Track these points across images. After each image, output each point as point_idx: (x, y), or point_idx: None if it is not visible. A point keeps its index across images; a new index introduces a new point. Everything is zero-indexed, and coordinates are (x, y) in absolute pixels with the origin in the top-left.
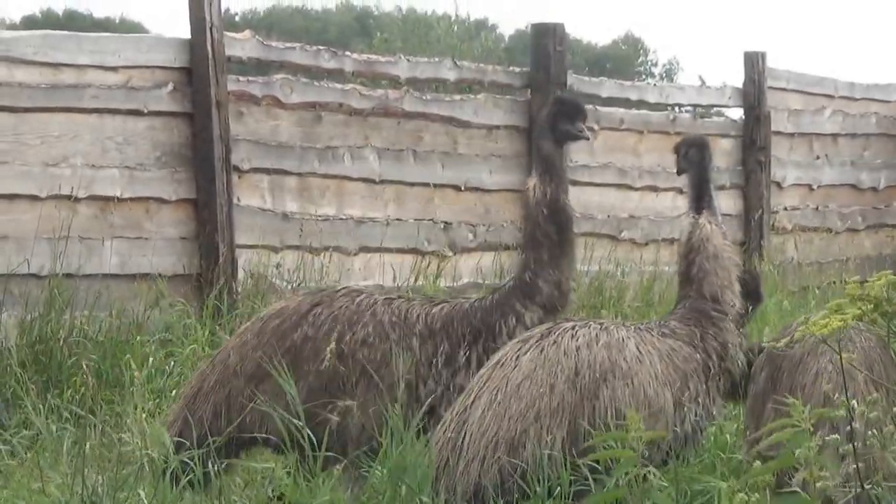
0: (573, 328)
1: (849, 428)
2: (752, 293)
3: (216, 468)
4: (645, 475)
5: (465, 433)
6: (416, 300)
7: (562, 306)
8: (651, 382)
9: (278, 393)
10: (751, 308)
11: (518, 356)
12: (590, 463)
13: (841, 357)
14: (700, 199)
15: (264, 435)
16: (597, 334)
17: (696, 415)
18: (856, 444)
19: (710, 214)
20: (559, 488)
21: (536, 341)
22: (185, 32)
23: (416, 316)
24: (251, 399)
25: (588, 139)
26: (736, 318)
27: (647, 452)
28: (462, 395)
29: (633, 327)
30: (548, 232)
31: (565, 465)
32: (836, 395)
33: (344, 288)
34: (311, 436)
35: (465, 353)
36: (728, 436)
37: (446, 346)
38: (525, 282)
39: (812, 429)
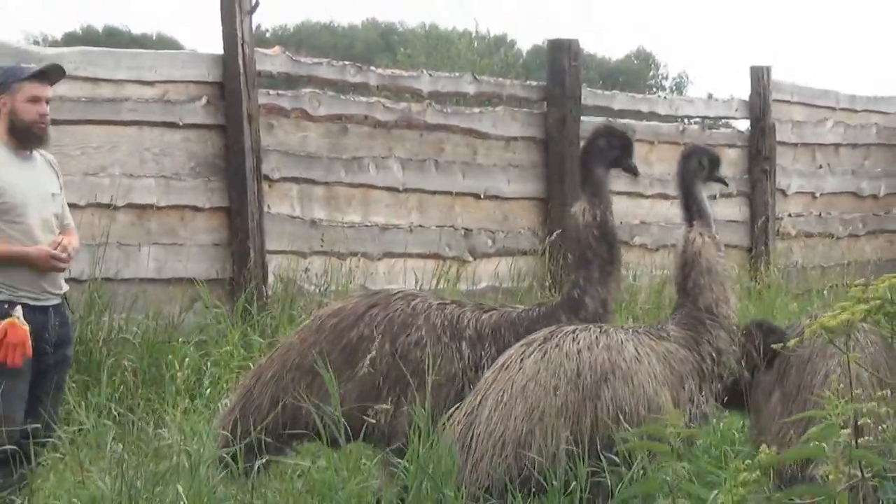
0: (574, 332)
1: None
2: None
3: (256, 462)
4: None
5: (473, 433)
6: (468, 306)
7: (604, 322)
8: (650, 382)
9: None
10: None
11: (522, 359)
12: (611, 457)
13: (848, 357)
14: (689, 210)
15: (314, 428)
16: (597, 337)
17: (691, 414)
18: (859, 440)
19: (701, 225)
20: (573, 483)
21: (539, 345)
22: (218, 48)
23: (466, 321)
24: (306, 393)
25: (638, 175)
26: (729, 328)
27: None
28: (469, 396)
29: (631, 330)
30: (599, 252)
31: (583, 460)
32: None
33: (400, 291)
34: (357, 430)
35: None
36: (735, 432)
37: (493, 351)
38: (573, 298)
39: (842, 425)
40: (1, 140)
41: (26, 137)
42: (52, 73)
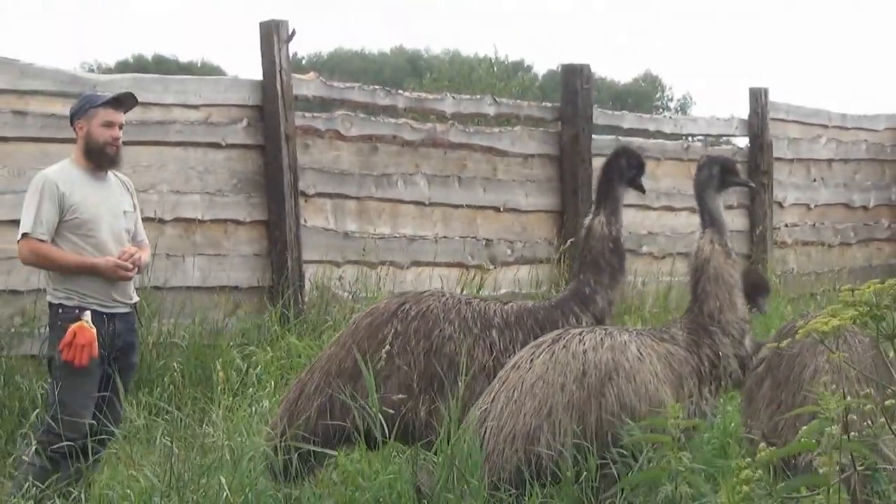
0: (580, 333)
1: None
2: (759, 285)
3: (298, 462)
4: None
5: (486, 428)
6: (490, 300)
7: (606, 321)
8: (652, 380)
9: (375, 388)
10: (761, 299)
11: (532, 359)
12: (617, 450)
13: (839, 356)
14: (702, 218)
15: (362, 430)
16: (601, 338)
17: (689, 412)
18: (850, 434)
19: (712, 232)
20: (583, 474)
21: (548, 346)
22: (257, 74)
23: (493, 311)
24: (352, 397)
25: (645, 192)
26: (734, 334)
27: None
28: (483, 394)
29: (634, 332)
30: (611, 262)
31: (593, 452)
32: (832, 389)
33: (428, 290)
34: (398, 426)
35: None
36: (734, 424)
37: (520, 336)
38: (584, 293)
39: (836, 419)
40: (77, 161)
41: (100, 159)
42: (125, 101)
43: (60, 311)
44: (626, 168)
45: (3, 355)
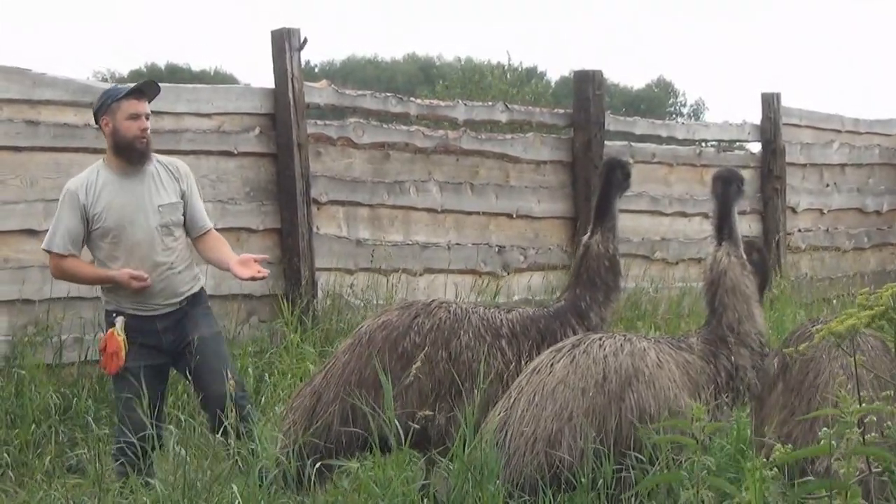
0: (601, 339)
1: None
2: (758, 265)
3: (311, 470)
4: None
5: (507, 432)
6: (492, 308)
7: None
8: (670, 386)
9: (396, 398)
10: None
11: (552, 364)
12: (637, 455)
13: (855, 359)
14: (720, 230)
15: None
16: (621, 344)
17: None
18: (865, 438)
19: (729, 245)
20: (600, 480)
21: (569, 350)
22: (269, 82)
23: (500, 321)
24: (376, 405)
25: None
26: (752, 345)
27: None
28: (503, 398)
29: (652, 339)
30: (606, 280)
31: (609, 458)
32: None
33: (434, 300)
34: (419, 434)
35: (537, 352)
36: (749, 431)
37: (526, 345)
38: (580, 307)
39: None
40: (108, 162)
41: (129, 155)
42: (147, 89)
43: (105, 314)
44: (623, 180)
45: (17, 364)
